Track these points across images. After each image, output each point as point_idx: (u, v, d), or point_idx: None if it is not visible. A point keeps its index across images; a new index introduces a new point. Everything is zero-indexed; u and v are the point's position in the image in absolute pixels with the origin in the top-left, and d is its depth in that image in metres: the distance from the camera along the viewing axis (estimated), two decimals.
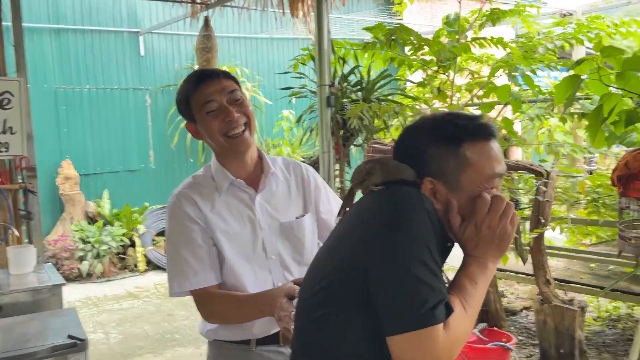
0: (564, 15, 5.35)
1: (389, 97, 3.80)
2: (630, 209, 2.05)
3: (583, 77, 2.18)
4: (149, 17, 6.95)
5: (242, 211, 1.49)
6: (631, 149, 2.12)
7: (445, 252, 1.06)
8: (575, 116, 3.47)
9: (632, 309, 4.11)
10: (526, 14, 4.11)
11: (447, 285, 1.01)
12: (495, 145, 1.05)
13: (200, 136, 1.50)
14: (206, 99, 1.44)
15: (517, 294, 4.84)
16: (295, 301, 1.23)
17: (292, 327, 1.16)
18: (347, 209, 1.11)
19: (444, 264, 1.07)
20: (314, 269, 1.09)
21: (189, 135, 6.88)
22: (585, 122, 3.87)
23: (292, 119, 7.14)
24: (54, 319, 2.11)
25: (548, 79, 5.78)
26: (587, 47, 6.46)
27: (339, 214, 1.13)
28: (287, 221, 1.52)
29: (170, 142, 6.97)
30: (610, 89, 2.14)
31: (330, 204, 1.63)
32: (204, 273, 1.42)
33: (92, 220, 6.45)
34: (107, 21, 6.73)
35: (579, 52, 6.05)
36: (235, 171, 1.50)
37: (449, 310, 0.93)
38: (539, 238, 2.81)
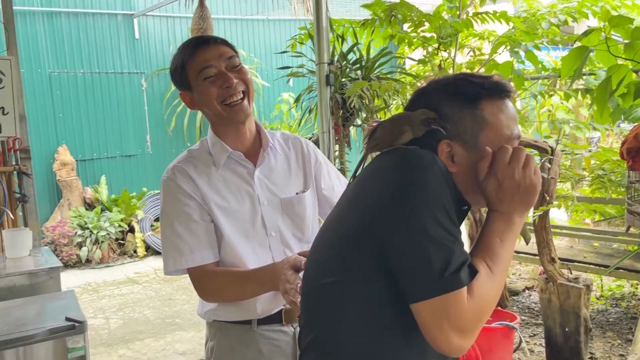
0: None
1: (389, 76, 3.72)
2: (639, 183, 1.99)
3: (590, 48, 2.12)
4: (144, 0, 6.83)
5: (241, 186, 1.43)
6: None
7: (462, 215, 1.01)
8: (580, 93, 3.41)
9: (636, 288, 4.09)
10: None
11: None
12: (511, 105, 1.01)
13: (196, 105, 1.44)
14: (204, 64, 1.37)
15: (519, 274, 4.82)
16: (301, 273, 1.17)
17: (299, 299, 1.11)
18: (359, 171, 1.06)
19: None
20: (324, 235, 1.04)
21: (186, 119, 6.85)
22: (587, 100, 3.81)
23: (291, 101, 7.07)
24: (52, 302, 2.07)
25: (549, 56, 5.70)
26: (589, 26, 6.38)
27: (352, 177, 1.07)
28: (288, 197, 1.46)
29: (167, 127, 6.90)
30: (619, 60, 2.08)
31: (332, 180, 1.57)
32: (200, 250, 1.36)
33: (89, 206, 6.40)
34: (100, 4, 6.62)
35: (581, 29, 5.97)
36: (233, 143, 1.44)
37: (473, 272, 0.88)
38: (544, 216, 2.77)
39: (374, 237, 0.90)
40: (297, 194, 1.48)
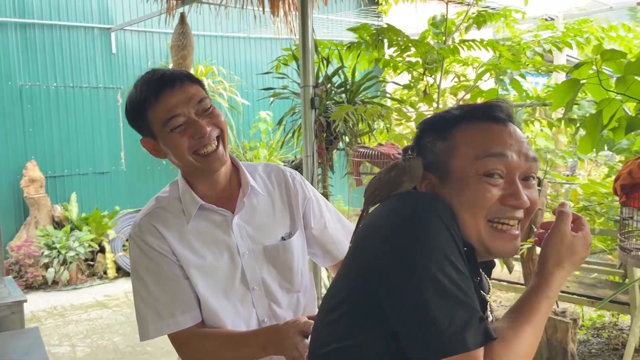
0: (547, 19, 5.34)
1: (374, 100, 3.68)
2: (633, 220, 1.95)
3: (582, 81, 2.09)
4: (122, 13, 6.69)
5: (217, 237, 1.27)
6: (635, 157, 2.03)
7: (472, 258, 0.90)
8: (563, 122, 3.41)
9: (617, 318, 4.07)
10: (511, 18, 4.06)
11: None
12: (500, 128, 0.90)
13: (161, 154, 1.27)
14: (170, 113, 1.19)
15: (499, 301, 4.77)
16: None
17: None
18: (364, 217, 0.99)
19: (476, 277, 0.91)
20: (327, 297, 0.94)
21: None
22: (568, 128, 3.83)
23: (269, 120, 6.98)
24: (13, 341, 1.90)
25: (529, 83, 5.76)
26: (568, 55, 6.50)
27: (353, 234, 0.98)
28: (272, 244, 1.30)
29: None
30: (610, 94, 2.06)
31: (323, 217, 1.42)
32: (182, 312, 1.22)
33: (58, 224, 6.15)
34: (77, 16, 6.45)
35: (559, 59, 6.06)
36: (206, 191, 1.28)
37: (488, 332, 0.78)
38: (531, 247, 2.72)
39: (372, 297, 0.82)
40: (282, 239, 1.32)
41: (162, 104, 1.20)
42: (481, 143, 0.88)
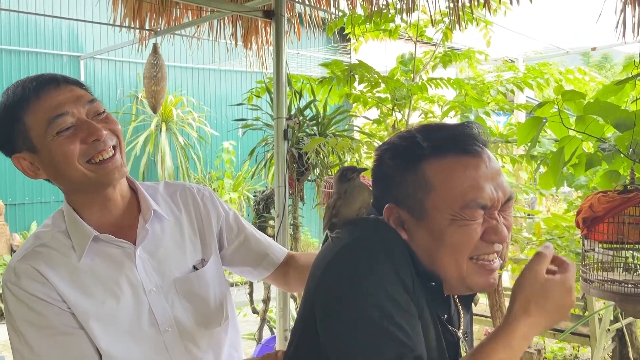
0: (508, 61, 5.59)
1: (345, 133, 3.76)
2: (594, 252, 2.04)
3: (545, 119, 2.21)
4: (92, 42, 6.68)
5: (116, 275, 1.06)
6: (594, 192, 2.14)
7: (431, 293, 0.86)
8: (525, 159, 3.55)
9: (577, 350, 4.17)
10: (475, 59, 4.25)
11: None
12: (476, 161, 0.84)
13: (40, 173, 1.05)
14: (56, 111, 0.99)
15: None
16: None
17: None
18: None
19: (445, 314, 0.90)
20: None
21: (129, 165, 6.58)
22: (526, 164, 3.99)
23: (231, 149, 7.00)
24: None
25: (492, 121, 5.99)
26: (527, 96, 6.80)
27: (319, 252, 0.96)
28: (183, 275, 1.12)
29: None
30: (570, 132, 2.18)
31: (244, 229, 1.27)
32: None
33: None
34: (46, 43, 6.41)
35: (519, 98, 6.34)
36: (97, 218, 1.07)
37: None
38: (497, 279, 2.79)
39: (314, 327, 0.81)
40: (195, 268, 1.14)
41: (45, 102, 1.00)
42: (461, 186, 0.83)
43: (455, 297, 0.97)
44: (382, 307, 0.74)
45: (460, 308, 0.97)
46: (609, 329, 3.16)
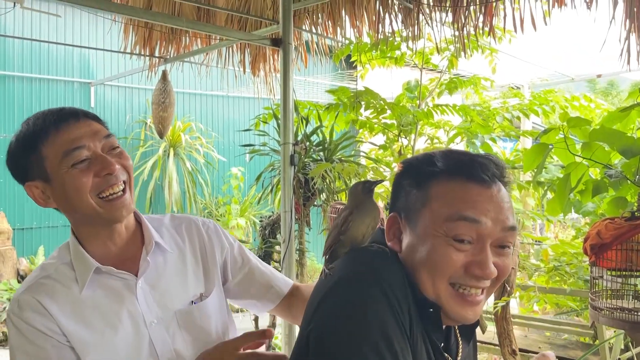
0: (513, 88, 5.63)
1: (351, 159, 3.78)
2: (603, 279, 2.02)
3: (551, 146, 2.22)
4: (102, 68, 6.80)
5: (118, 307, 1.06)
6: (602, 219, 2.13)
7: (428, 320, 0.85)
8: (532, 185, 3.55)
9: None
10: (481, 85, 4.29)
11: None
12: (480, 190, 0.84)
13: (51, 201, 1.07)
14: (72, 144, 1.02)
15: None
16: None
17: None
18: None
19: (442, 342, 0.89)
20: None
21: (137, 190, 6.61)
22: (533, 190, 3.98)
23: (240, 175, 7.03)
24: None
25: (498, 147, 6.01)
26: (534, 122, 6.82)
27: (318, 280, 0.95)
28: (184, 308, 1.12)
29: None
30: (576, 158, 2.18)
31: (249, 261, 1.27)
32: None
33: (23, 278, 5.95)
34: (57, 70, 6.53)
35: (525, 125, 6.36)
36: (101, 250, 1.09)
37: None
38: (505, 307, 2.76)
39: None
40: (195, 302, 1.14)
41: (64, 135, 1.03)
42: (455, 204, 0.83)
43: (456, 327, 0.96)
44: (375, 349, 0.73)
45: (460, 339, 0.96)
46: (619, 359, 3.10)
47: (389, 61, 3.95)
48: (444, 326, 0.88)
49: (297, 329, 3.35)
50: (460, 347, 0.95)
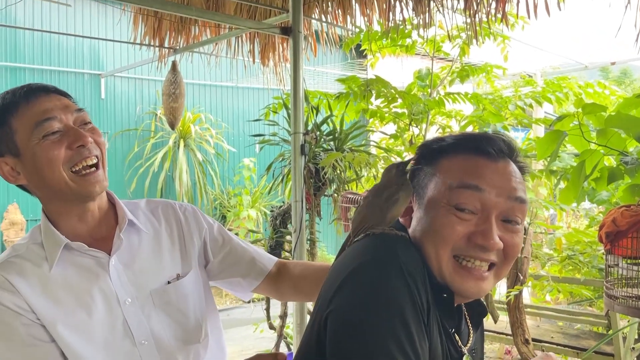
0: (527, 76, 5.57)
1: (361, 148, 3.76)
2: (618, 267, 2.00)
3: (565, 133, 2.19)
4: (112, 60, 6.81)
5: (90, 285, 1.04)
6: (618, 205, 2.10)
7: (442, 305, 0.85)
8: (544, 174, 3.51)
9: None
10: (493, 73, 4.24)
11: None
12: (486, 162, 0.85)
13: (21, 177, 1.05)
14: (44, 115, 1.01)
15: (485, 353, 4.74)
16: None
17: None
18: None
19: (452, 327, 0.88)
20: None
21: (148, 181, 6.65)
22: (550, 181, 3.94)
23: (252, 167, 7.03)
24: None
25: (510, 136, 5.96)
26: (546, 112, 6.76)
27: (336, 258, 0.95)
28: (160, 287, 1.10)
29: (128, 188, 6.70)
30: (591, 145, 2.15)
31: (230, 240, 1.26)
32: None
33: None
34: (68, 62, 6.55)
35: (538, 113, 6.29)
36: (72, 228, 1.06)
37: None
38: (518, 296, 2.74)
39: (323, 345, 0.78)
40: (170, 281, 1.12)
41: (34, 107, 1.02)
42: (458, 173, 0.84)
43: (466, 313, 0.96)
44: (395, 335, 0.73)
45: (470, 325, 0.96)
46: (633, 348, 3.07)
47: (400, 49, 3.92)
48: (455, 309, 0.89)
49: (308, 319, 3.35)
50: (471, 334, 0.95)
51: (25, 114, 1.02)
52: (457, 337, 0.90)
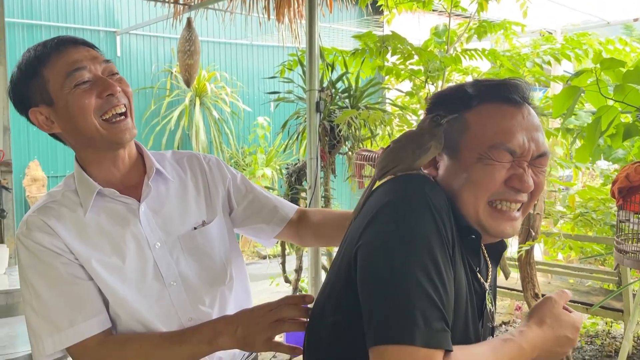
0: (546, 33, 5.45)
1: (377, 106, 3.76)
2: (630, 222, 2.02)
3: (582, 89, 2.17)
4: (127, 17, 6.78)
5: (123, 230, 1.10)
6: (632, 162, 2.11)
7: (468, 245, 0.90)
8: (560, 132, 3.49)
9: (610, 326, 4.14)
10: (511, 30, 4.16)
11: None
12: (514, 110, 0.89)
13: (56, 124, 1.09)
14: (74, 65, 1.05)
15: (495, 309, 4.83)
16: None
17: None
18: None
19: (478, 266, 0.94)
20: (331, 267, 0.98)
21: (165, 138, 6.69)
22: (566, 139, 3.91)
23: (266, 125, 7.05)
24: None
25: None
26: (565, 70, 6.62)
27: (357, 210, 0.96)
28: (187, 232, 1.16)
29: (145, 146, 6.79)
30: (609, 102, 2.13)
31: (252, 189, 1.32)
32: (84, 319, 1.04)
33: None
34: (83, 19, 6.54)
35: (556, 72, 6.17)
36: (104, 175, 1.12)
37: (442, 340, 0.76)
38: (529, 251, 2.79)
39: (352, 282, 0.83)
40: (197, 227, 1.18)
41: (65, 57, 1.06)
42: (494, 127, 0.88)
43: (485, 251, 1.00)
44: (424, 268, 0.76)
45: (489, 261, 1.01)
46: None
47: (417, 5, 3.85)
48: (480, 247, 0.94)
49: (324, 274, 3.44)
50: (490, 269, 1.00)
51: (56, 65, 1.06)
52: (479, 275, 0.95)
